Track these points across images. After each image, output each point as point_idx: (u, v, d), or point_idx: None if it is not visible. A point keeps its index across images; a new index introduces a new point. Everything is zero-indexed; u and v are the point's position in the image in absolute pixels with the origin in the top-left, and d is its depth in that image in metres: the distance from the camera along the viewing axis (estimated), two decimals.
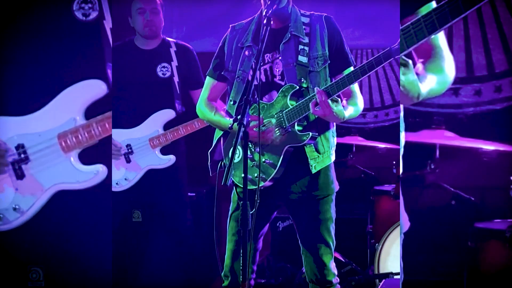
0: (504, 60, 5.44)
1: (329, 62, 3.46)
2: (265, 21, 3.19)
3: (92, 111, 3.31)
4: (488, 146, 5.05)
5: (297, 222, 3.61)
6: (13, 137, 3.48)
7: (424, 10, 2.44)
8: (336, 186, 3.56)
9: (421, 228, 4.79)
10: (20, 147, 3.61)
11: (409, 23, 2.18)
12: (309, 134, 3.39)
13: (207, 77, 3.76)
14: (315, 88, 3.27)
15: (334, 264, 3.55)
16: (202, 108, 3.73)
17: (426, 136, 5.23)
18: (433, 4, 2.48)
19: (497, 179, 4.93)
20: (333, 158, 3.56)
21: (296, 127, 3.42)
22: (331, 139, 3.52)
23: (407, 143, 2.76)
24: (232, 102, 3.56)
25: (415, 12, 2.49)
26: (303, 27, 3.52)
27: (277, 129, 3.45)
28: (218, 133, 3.73)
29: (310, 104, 3.26)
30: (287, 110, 3.41)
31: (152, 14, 4.63)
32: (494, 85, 5.54)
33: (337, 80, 3.17)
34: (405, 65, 2.36)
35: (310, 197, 3.50)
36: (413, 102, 2.48)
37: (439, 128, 5.25)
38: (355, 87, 3.47)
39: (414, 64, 2.48)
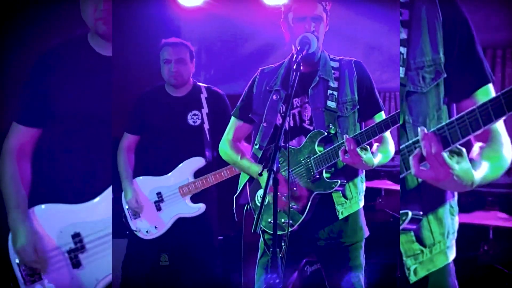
0: None
1: (358, 107, 3.41)
2: (294, 66, 3.13)
3: None
4: None
5: (325, 269, 3.54)
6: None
7: (480, 93, 2.23)
8: (366, 232, 3.51)
9: None
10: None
11: (464, 112, 1.84)
12: (337, 181, 3.33)
13: (232, 117, 3.72)
14: (344, 136, 3.20)
15: None
16: (227, 149, 3.69)
17: (479, 217, 5.13)
18: (490, 88, 2.24)
19: None
20: (361, 203, 3.50)
21: (324, 174, 3.36)
22: (360, 184, 3.46)
23: (460, 224, 2.56)
24: (257, 146, 3.53)
25: (471, 95, 2.24)
26: (332, 71, 3.48)
27: (304, 176, 3.39)
28: (244, 178, 3.68)
29: (339, 151, 3.19)
30: (315, 156, 3.36)
31: (178, 64, 4.59)
32: None
33: (367, 128, 3.10)
34: (459, 153, 2.01)
35: (338, 243, 3.43)
36: (466, 190, 2.07)
37: (492, 209, 5.19)
38: (387, 132, 3.34)
39: (468, 151, 2.09)
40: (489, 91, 2.21)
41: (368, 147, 3.21)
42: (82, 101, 3.12)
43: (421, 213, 2.35)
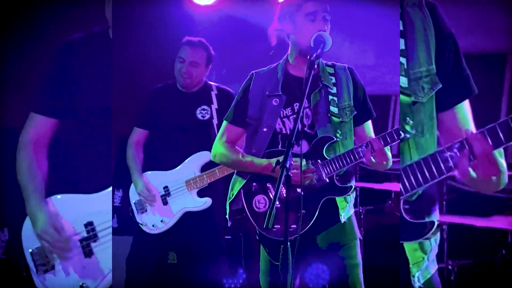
0: None
1: (355, 112, 3.46)
2: (308, 66, 3.12)
3: None
4: None
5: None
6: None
7: (465, 104, 2.32)
8: (358, 234, 3.59)
9: None
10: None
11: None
12: (351, 187, 3.40)
13: (225, 121, 3.72)
14: (368, 137, 3.31)
15: None
16: (223, 150, 3.68)
17: (498, 222, 5.07)
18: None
19: None
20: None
21: (335, 179, 3.40)
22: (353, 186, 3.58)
23: (479, 229, 2.52)
24: (254, 151, 3.54)
25: (456, 106, 2.31)
26: (330, 77, 3.51)
27: (314, 175, 3.41)
28: (238, 184, 3.66)
29: (366, 152, 3.23)
30: (324, 161, 3.40)
31: (190, 66, 4.63)
32: None
33: (396, 128, 3.10)
34: (500, 153, 2.04)
35: (336, 245, 3.48)
36: (498, 190, 2.13)
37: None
38: None
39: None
40: (468, 104, 2.30)
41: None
42: (99, 95, 3.14)
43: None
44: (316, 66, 3.41)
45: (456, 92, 2.30)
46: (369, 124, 3.63)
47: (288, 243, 2.92)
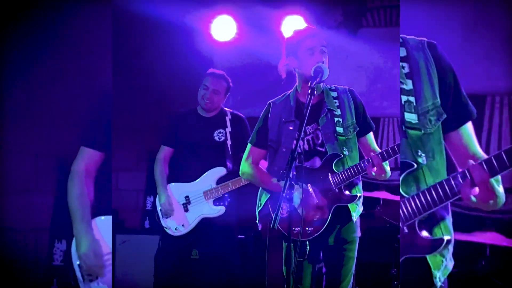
0: None
1: (358, 129, 3.63)
2: (309, 91, 3.25)
3: None
4: None
5: (328, 261, 3.77)
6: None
7: (467, 126, 2.46)
8: (359, 232, 3.74)
9: None
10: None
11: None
12: (358, 196, 3.59)
13: (249, 144, 3.96)
14: (371, 154, 3.44)
15: None
16: (250, 171, 3.93)
17: (478, 237, 5.38)
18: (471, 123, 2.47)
19: None
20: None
21: (343, 189, 3.58)
22: (361, 191, 3.73)
23: (462, 242, 2.63)
24: (276, 168, 3.73)
25: (459, 128, 2.45)
26: (334, 100, 3.67)
27: (325, 192, 3.58)
28: (264, 197, 3.86)
29: (367, 167, 3.42)
30: (334, 174, 3.57)
31: (213, 93, 4.89)
32: None
33: (392, 146, 3.35)
34: (497, 180, 2.22)
35: (342, 240, 3.67)
36: (496, 209, 2.28)
37: (490, 231, 5.45)
38: None
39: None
40: (471, 126, 2.45)
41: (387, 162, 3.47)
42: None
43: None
44: (321, 92, 3.66)
45: (458, 116, 2.42)
46: (371, 135, 3.77)
47: (304, 241, 3.35)
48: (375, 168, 3.39)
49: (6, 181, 5.17)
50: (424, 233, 2.32)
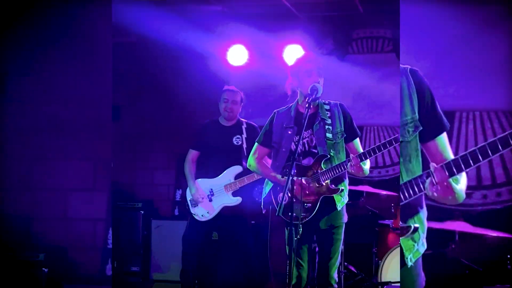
0: (503, 174, 6.06)
1: (345, 135, 3.98)
2: (306, 106, 3.65)
3: None
4: (492, 233, 5.72)
5: (320, 243, 4.07)
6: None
7: (442, 137, 2.67)
8: (346, 218, 4.06)
9: None
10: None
11: (467, 151, 2.24)
12: (339, 189, 3.92)
13: (257, 143, 4.30)
14: (351, 155, 3.77)
15: (337, 274, 4.03)
16: (255, 165, 4.28)
17: (449, 225, 5.79)
18: (445, 134, 2.69)
19: (497, 255, 5.61)
20: (346, 199, 4.06)
21: (329, 183, 3.92)
22: (347, 185, 4.08)
23: (435, 229, 2.94)
24: (278, 163, 4.07)
25: (435, 138, 2.67)
26: (326, 112, 3.97)
27: (315, 184, 3.87)
28: (268, 187, 4.20)
29: (347, 166, 3.75)
30: (321, 171, 3.90)
31: (232, 104, 5.41)
32: (496, 192, 6.12)
33: (368, 149, 3.65)
34: (457, 180, 2.41)
35: (331, 226, 3.99)
36: (457, 203, 2.45)
37: (458, 220, 5.84)
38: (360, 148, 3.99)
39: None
40: (445, 136, 2.67)
41: (366, 162, 3.79)
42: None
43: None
44: (316, 105, 3.93)
45: (435, 128, 2.62)
46: (357, 141, 4.05)
47: (297, 226, 3.51)
48: (355, 167, 3.73)
49: (71, 181, 6.30)
50: (400, 223, 2.61)
